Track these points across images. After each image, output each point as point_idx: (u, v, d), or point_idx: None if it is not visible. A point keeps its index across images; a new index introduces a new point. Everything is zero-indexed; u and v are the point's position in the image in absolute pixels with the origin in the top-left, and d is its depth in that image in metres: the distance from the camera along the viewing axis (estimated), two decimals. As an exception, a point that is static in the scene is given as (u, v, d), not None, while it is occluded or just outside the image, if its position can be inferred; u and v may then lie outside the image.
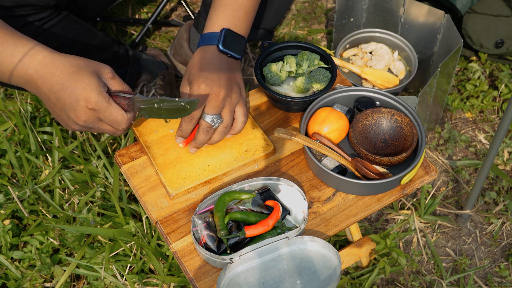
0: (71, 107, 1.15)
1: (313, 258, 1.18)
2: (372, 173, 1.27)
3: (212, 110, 1.26)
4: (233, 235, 1.18)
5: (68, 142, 1.86)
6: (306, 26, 2.32)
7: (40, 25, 1.55)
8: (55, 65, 1.15)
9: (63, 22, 1.62)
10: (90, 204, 1.70)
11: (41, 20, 1.55)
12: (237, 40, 1.35)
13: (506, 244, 1.76)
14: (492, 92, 2.05)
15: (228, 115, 1.30)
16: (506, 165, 1.91)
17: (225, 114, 1.29)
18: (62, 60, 1.16)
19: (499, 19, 1.98)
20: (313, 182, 1.32)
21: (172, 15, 2.37)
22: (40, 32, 1.56)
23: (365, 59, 1.92)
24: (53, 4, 1.56)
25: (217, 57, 1.32)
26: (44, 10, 1.54)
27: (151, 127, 1.38)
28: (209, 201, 1.23)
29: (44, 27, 1.56)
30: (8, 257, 1.62)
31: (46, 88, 1.16)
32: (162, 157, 1.33)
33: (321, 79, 1.40)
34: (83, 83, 1.14)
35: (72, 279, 1.63)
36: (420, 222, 1.78)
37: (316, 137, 1.32)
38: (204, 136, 1.29)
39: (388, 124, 1.35)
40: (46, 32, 1.57)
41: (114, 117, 1.17)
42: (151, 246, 1.57)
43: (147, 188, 1.32)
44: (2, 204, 1.71)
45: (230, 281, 1.15)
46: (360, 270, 1.67)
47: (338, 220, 1.26)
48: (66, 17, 1.63)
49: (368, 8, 2.00)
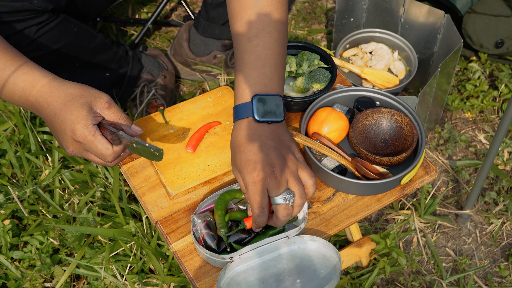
0: (60, 136, 1.19)
1: (313, 258, 1.18)
2: (372, 173, 1.27)
3: (277, 191, 1.11)
4: (234, 230, 1.18)
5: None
6: (306, 26, 2.32)
7: (38, 30, 1.55)
8: (52, 94, 1.18)
9: (61, 26, 1.62)
10: (90, 204, 1.70)
11: (39, 25, 1.55)
12: (272, 102, 1.18)
13: (506, 244, 1.76)
14: (492, 92, 2.05)
15: (295, 185, 1.13)
16: (506, 165, 1.91)
17: (292, 186, 1.13)
18: (59, 89, 1.18)
19: (499, 19, 1.98)
20: (313, 182, 1.32)
21: (172, 15, 2.37)
22: (38, 36, 1.56)
23: (365, 59, 1.92)
24: (51, 9, 1.56)
25: (257, 130, 1.16)
26: (41, 14, 1.54)
27: (151, 127, 1.38)
28: (209, 200, 1.23)
29: (41, 32, 1.56)
30: (8, 257, 1.62)
31: (44, 114, 1.20)
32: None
33: (321, 79, 1.40)
34: (71, 115, 1.16)
35: (72, 279, 1.63)
36: (420, 222, 1.78)
37: (316, 137, 1.32)
38: (286, 217, 1.13)
39: (388, 124, 1.35)
40: (43, 36, 1.57)
41: (99, 150, 1.18)
42: (151, 246, 1.57)
43: (147, 188, 1.32)
44: (2, 204, 1.71)
45: (230, 280, 1.15)
46: (360, 270, 1.67)
47: (338, 220, 1.26)
48: (64, 20, 1.63)
49: (368, 8, 2.00)
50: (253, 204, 1.11)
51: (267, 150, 1.13)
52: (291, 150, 1.17)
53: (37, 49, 1.59)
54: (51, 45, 1.61)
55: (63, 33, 1.62)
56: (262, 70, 1.20)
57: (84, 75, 1.75)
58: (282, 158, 1.13)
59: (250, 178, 1.10)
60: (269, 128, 1.17)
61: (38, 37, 1.56)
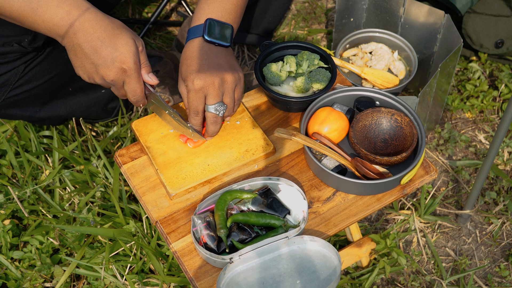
0: (104, 63, 1.23)
1: (313, 258, 1.18)
2: (372, 173, 1.27)
3: (213, 100, 1.30)
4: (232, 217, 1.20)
5: (67, 143, 1.86)
6: (306, 26, 2.32)
7: (25, 68, 1.55)
8: (99, 23, 1.23)
9: (49, 58, 1.60)
10: (90, 204, 1.70)
11: (26, 62, 1.54)
12: (223, 29, 1.36)
13: (506, 244, 1.76)
14: (492, 92, 2.05)
15: (229, 100, 1.33)
16: (506, 165, 1.91)
17: (226, 99, 1.32)
18: (105, 20, 1.24)
19: (499, 19, 1.98)
20: (313, 182, 1.32)
21: (172, 16, 2.37)
22: (26, 73, 1.56)
23: (365, 59, 1.92)
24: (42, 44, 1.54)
25: (204, 48, 1.34)
26: (29, 52, 1.53)
27: (151, 127, 1.38)
28: (209, 200, 1.23)
29: (29, 68, 1.56)
30: (8, 257, 1.62)
31: (84, 40, 1.22)
32: (162, 157, 1.33)
33: (321, 79, 1.40)
34: (123, 47, 1.23)
35: (72, 279, 1.63)
36: (420, 222, 1.78)
37: (316, 137, 1.32)
38: (214, 126, 1.33)
39: (388, 124, 1.35)
40: (31, 71, 1.57)
41: (134, 87, 1.27)
42: (151, 246, 1.57)
43: (147, 188, 1.32)
44: (2, 204, 1.71)
45: (230, 280, 1.15)
46: (360, 270, 1.67)
47: (338, 220, 1.26)
48: (52, 51, 1.60)
49: (368, 8, 2.00)
50: (191, 108, 1.30)
51: (210, 64, 1.30)
52: (233, 69, 1.33)
53: (26, 83, 1.58)
54: (40, 78, 1.60)
55: (52, 64, 1.61)
56: (224, 5, 1.37)
57: (78, 98, 1.74)
58: (222, 74, 1.29)
59: (192, 85, 1.28)
60: (216, 48, 1.34)
61: (26, 73, 1.56)
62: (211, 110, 1.31)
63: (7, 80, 1.54)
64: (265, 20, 2.02)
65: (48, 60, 1.60)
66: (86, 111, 1.80)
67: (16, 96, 1.60)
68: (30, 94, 1.61)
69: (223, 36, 1.35)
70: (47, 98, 1.69)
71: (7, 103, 1.60)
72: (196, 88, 1.28)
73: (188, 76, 1.29)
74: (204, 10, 1.37)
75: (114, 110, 1.87)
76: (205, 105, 1.31)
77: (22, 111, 1.67)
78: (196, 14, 1.38)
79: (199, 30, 1.35)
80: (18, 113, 1.68)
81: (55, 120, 1.79)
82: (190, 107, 1.30)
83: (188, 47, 1.35)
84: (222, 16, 1.37)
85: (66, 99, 1.73)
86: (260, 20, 2.01)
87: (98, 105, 1.80)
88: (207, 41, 1.34)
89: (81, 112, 1.79)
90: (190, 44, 1.35)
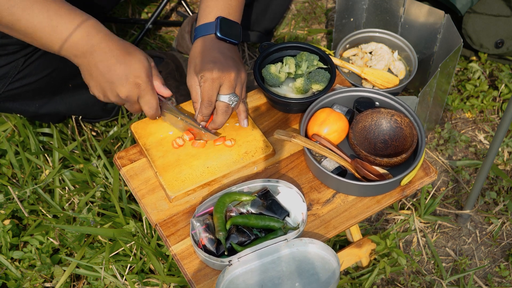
0: (119, 81, 1.28)
1: (312, 260, 1.18)
2: (372, 174, 1.27)
3: (228, 90, 1.32)
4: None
5: (67, 143, 1.86)
6: (306, 26, 2.32)
7: (25, 61, 1.55)
8: (113, 42, 1.29)
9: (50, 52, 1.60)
10: (90, 204, 1.70)
11: (26, 56, 1.54)
12: (232, 27, 1.40)
13: (506, 244, 1.76)
14: (492, 92, 2.05)
15: (241, 92, 1.37)
16: (506, 165, 1.91)
17: (238, 91, 1.36)
18: (119, 41, 1.30)
19: (499, 19, 1.98)
20: (313, 184, 1.32)
21: (172, 16, 2.37)
22: (26, 66, 1.55)
23: (365, 59, 1.92)
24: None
25: (216, 44, 1.37)
26: (29, 45, 1.52)
27: (150, 129, 1.38)
28: (207, 203, 1.23)
29: (29, 62, 1.55)
30: (8, 257, 1.62)
31: (100, 59, 1.27)
32: (161, 160, 1.33)
33: (320, 80, 1.40)
34: (136, 63, 1.29)
35: (72, 279, 1.63)
36: (420, 222, 1.78)
37: (315, 138, 1.32)
38: (224, 117, 1.34)
39: (388, 124, 1.35)
40: (31, 65, 1.56)
41: (149, 99, 1.32)
42: (151, 246, 1.58)
43: (146, 191, 1.32)
44: (2, 204, 1.71)
45: (229, 283, 1.15)
46: (360, 270, 1.67)
47: (338, 222, 1.26)
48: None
49: (368, 8, 2.00)
50: (204, 97, 1.31)
51: (225, 57, 1.34)
52: (243, 66, 1.38)
53: (25, 77, 1.58)
54: (40, 73, 1.59)
55: (52, 59, 1.59)
56: (229, 2, 1.40)
57: (78, 95, 1.74)
58: (236, 68, 1.34)
59: (210, 75, 1.30)
60: (227, 46, 1.38)
61: (25, 67, 1.55)
62: (225, 99, 1.33)
63: (7, 72, 1.54)
64: (266, 18, 2.02)
65: (49, 55, 1.59)
66: (86, 110, 1.80)
67: (16, 90, 1.59)
68: (29, 88, 1.61)
69: (234, 33, 1.39)
70: (47, 93, 1.68)
71: (6, 96, 1.60)
72: (214, 77, 1.30)
73: (205, 66, 1.31)
74: (211, 8, 1.40)
75: (113, 110, 1.87)
76: (218, 95, 1.33)
77: (21, 105, 1.67)
78: (202, 11, 1.41)
79: (210, 28, 1.38)
80: (17, 107, 1.67)
81: (54, 117, 1.79)
82: (204, 96, 1.32)
83: (200, 43, 1.38)
84: (229, 14, 1.41)
85: (65, 95, 1.72)
86: (261, 18, 2.01)
87: (98, 104, 1.80)
88: (219, 38, 1.37)
89: (81, 110, 1.79)
90: (201, 40, 1.38)
